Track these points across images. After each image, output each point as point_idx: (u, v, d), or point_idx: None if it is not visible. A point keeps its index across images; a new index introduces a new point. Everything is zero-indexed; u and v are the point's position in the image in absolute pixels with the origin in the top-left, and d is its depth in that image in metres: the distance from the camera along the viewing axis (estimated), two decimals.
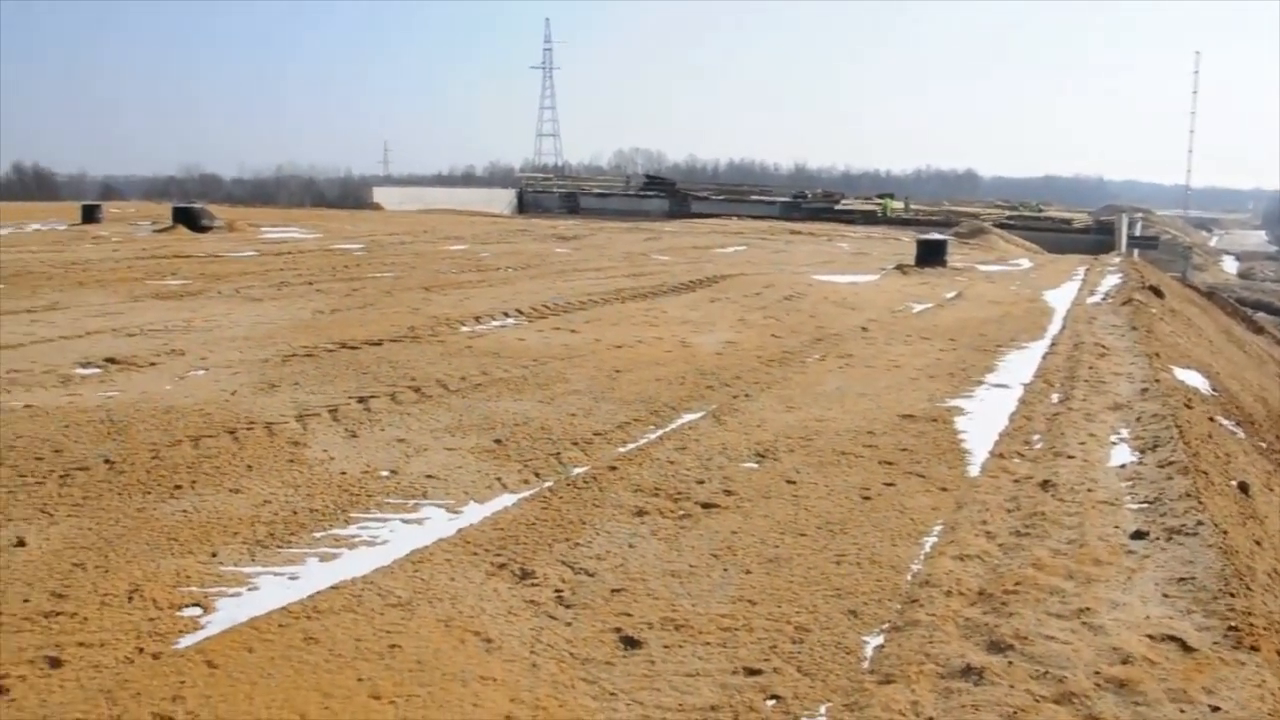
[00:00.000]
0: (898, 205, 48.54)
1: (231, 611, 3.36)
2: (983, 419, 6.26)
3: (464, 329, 9.44)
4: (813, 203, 50.10)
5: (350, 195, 64.86)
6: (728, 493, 4.72)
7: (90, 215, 28.43)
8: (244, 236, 23.07)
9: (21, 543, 3.86)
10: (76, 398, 6.29)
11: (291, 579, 3.65)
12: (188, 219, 24.40)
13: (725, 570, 3.81)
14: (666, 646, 3.19)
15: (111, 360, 7.51)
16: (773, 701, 2.85)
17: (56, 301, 11.07)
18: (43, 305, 10.71)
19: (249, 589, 3.55)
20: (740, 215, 43.89)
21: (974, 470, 5.17)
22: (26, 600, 3.37)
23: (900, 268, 17.92)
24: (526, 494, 4.66)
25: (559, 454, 5.30)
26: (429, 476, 4.87)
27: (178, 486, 4.61)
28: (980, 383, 7.47)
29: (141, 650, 3.04)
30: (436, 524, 4.26)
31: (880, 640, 3.22)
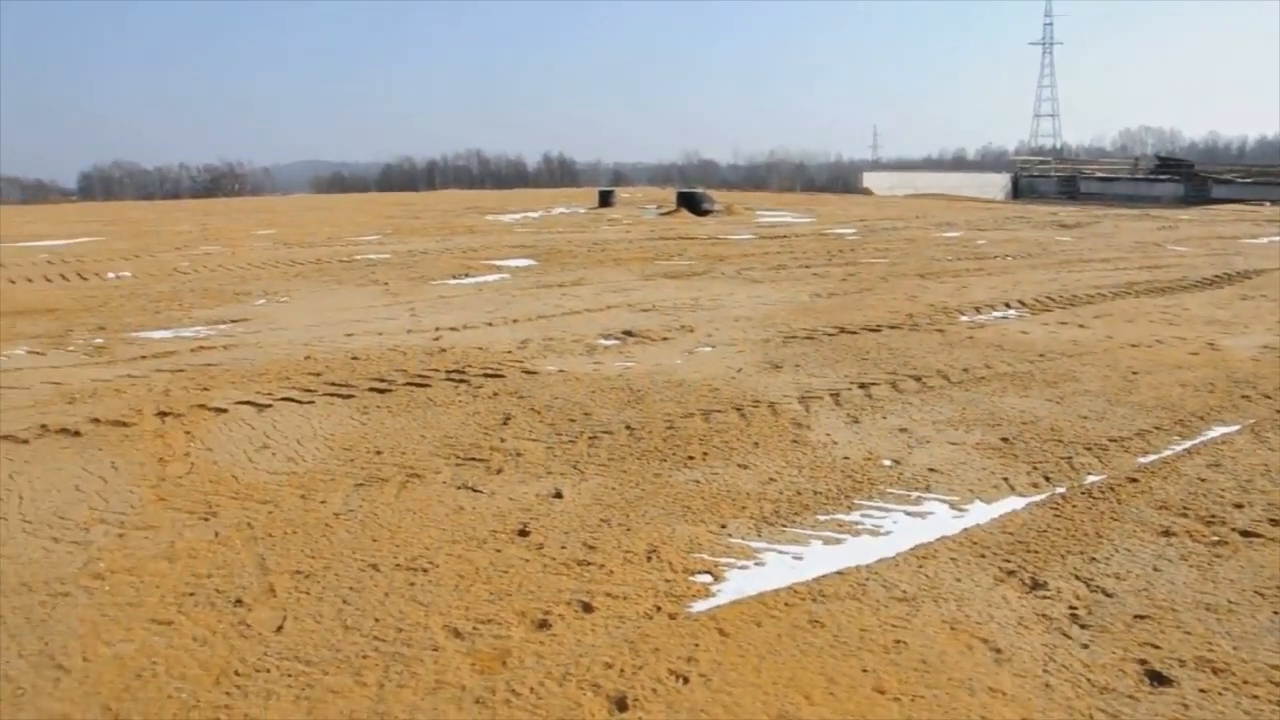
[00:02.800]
0: None
1: (740, 583, 3.76)
2: None
3: (963, 319, 9.65)
4: None
5: (839, 180, 67.65)
6: (1274, 522, 4.31)
7: (605, 200, 34.83)
8: (741, 220, 25.53)
9: (559, 494, 4.66)
10: (600, 366, 7.43)
11: (796, 559, 3.99)
12: (690, 203, 28.30)
13: (1277, 614, 3.47)
14: (1203, 691, 2.99)
15: (628, 333, 8.80)
16: None
17: (581, 278, 13.18)
18: (570, 281, 12.83)
19: (755, 564, 3.93)
20: (1274, 201, 37.56)
21: None
22: (563, 547, 4.07)
23: None
24: (1036, 498, 4.66)
25: (1071, 458, 5.21)
26: (931, 470, 5.05)
27: (690, 457, 5.24)
28: None
29: (659, 609, 3.52)
30: (940, 520, 4.41)
31: None
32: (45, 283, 13.84)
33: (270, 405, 6.28)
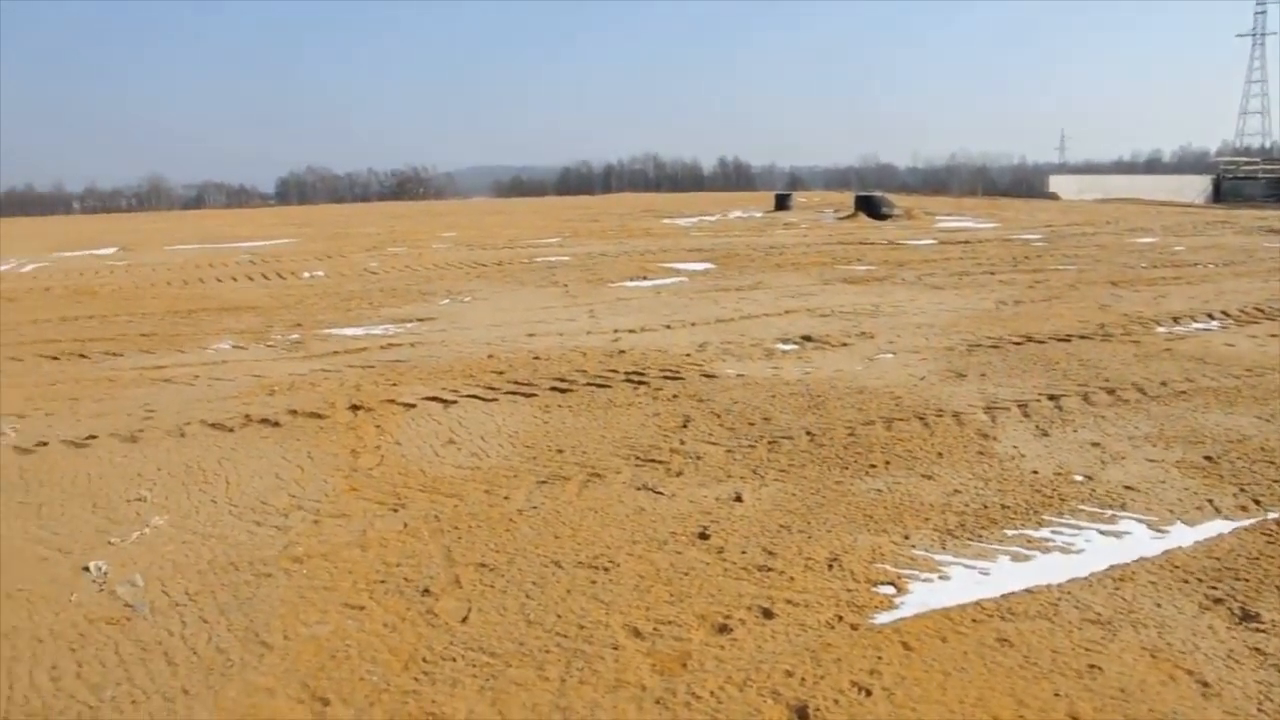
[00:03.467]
0: None
1: (924, 596, 3.66)
2: None
3: (1160, 329, 9.17)
4: None
5: (1022, 183, 65.26)
6: None
7: (782, 203, 34.96)
8: (920, 225, 24.92)
9: (739, 499, 4.65)
10: (778, 371, 7.38)
11: (983, 574, 3.86)
12: (868, 207, 28.02)
13: None
14: None
15: (807, 338, 8.72)
16: None
17: (759, 282, 13.15)
18: (747, 285, 12.82)
19: (940, 577, 3.83)
20: None
21: None
22: (744, 552, 4.06)
23: None
24: (1245, 523, 4.38)
25: None
26: (1128, 488, 4.81)
27: (872, 465, 5.15)
28: None
29: (841, 619, 3.47)
30: (1138, 540, 4.19)
31: None
32: (248, 281, 14.70)
33: (456, 402, 6.51)
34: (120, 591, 3.80)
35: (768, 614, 3.51)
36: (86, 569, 4.01)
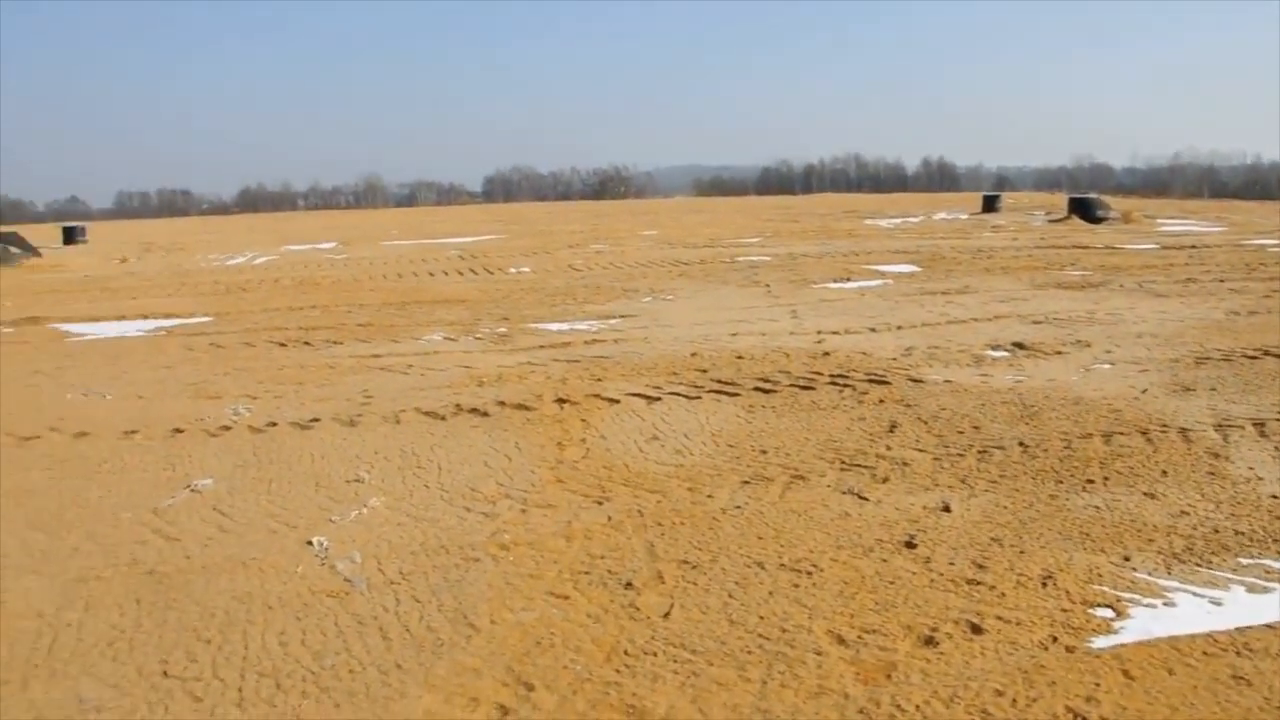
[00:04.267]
0: None
1: (1146, 622, 3.44)
2: None
3: None
4: None
5: (1256, 185, 60.26)
6: None
7: (989, 205, 33.82)
8: (1140, 228, 23.55)
9: (947, 508, 4.52)
10: (988, 378, 7.13)
11: (1214, 604, 3.60)
12: (1083, 209, 26.74)
13: None
14: None
15: (1019, 345, 8.37)
16: None
17: (966, 285, 12.75)
18: (955, 288, 12.44)
19: (1164, 603, 3.59)
20: None
21: None
22: (952, 563, 3.94)
23: None
24: None
25: None
26: None
27: (1089, 480, 4.90)
28: None
29: (1055, 639, 3.30)
30: None
31: None
32: (458, 276, 15.29)
33: (659, 399, 6.58)
34: (340, 567, 4.01)
35: (976, 629, 3.39)
36: (310, 543, 4.25)
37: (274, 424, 6.23)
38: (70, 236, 32.29)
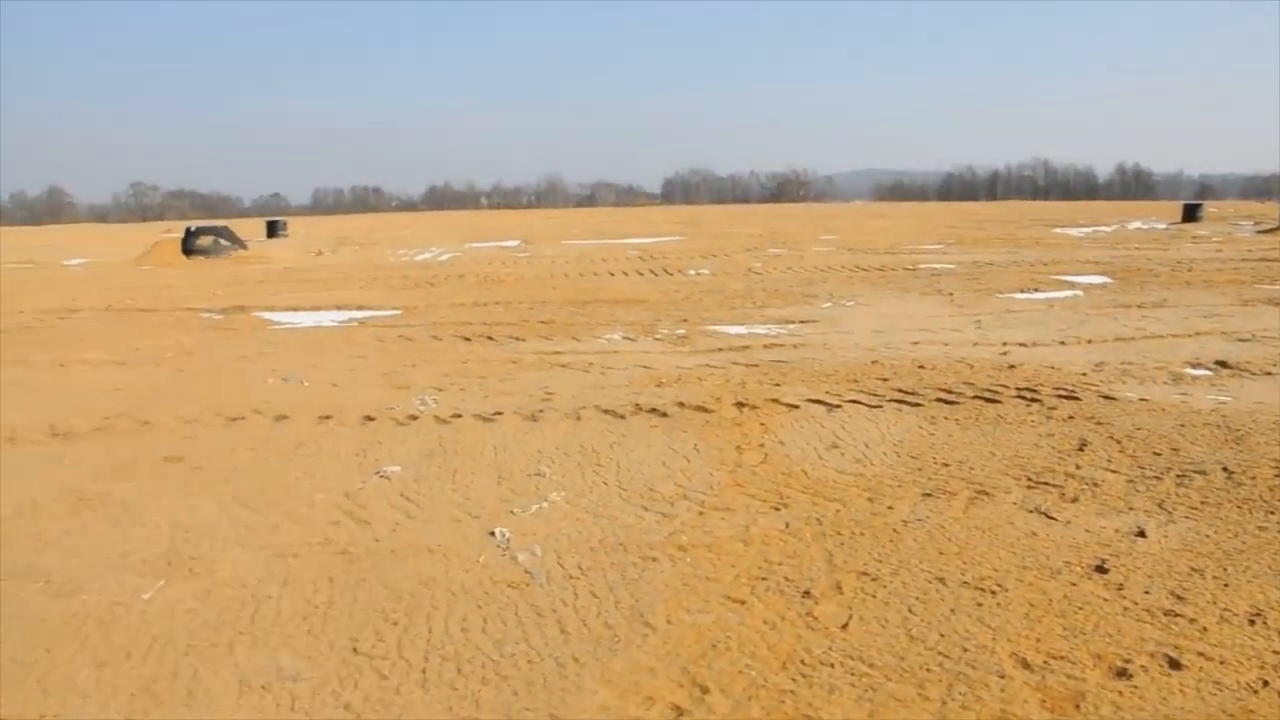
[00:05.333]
0: None
1: None
2: None
3: None
4: None
5: None
6: None
7: (1190, 214, 32.17)
8: None
9: (1142, 534, 4.29)
10: (1187, 397, 6.73)
11: None
12: None
13: None
14: None
15: (1222, 364, 7.87)
16: None
17: (1164, 299, 12.10)
18: (1150, 302, 11.82)
19: None
20: None
21: None
22: (1147, 592, 3.73)
23: None
24: None
25: None
26: None
27: None
28: None
29: (1266, 684, 3.05)
30: None
31: None
32: (637, 276, 15.47)
33: (839, 406, 6.48)
34: (520, 558, 4.11)
35: (1174, 664, 3.20)
36: (492, 534, 4.37)
37: (459, 415, 6.44)
38: (272, 230, 34.20)
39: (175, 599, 3.89)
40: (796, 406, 6.48)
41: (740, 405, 6.49)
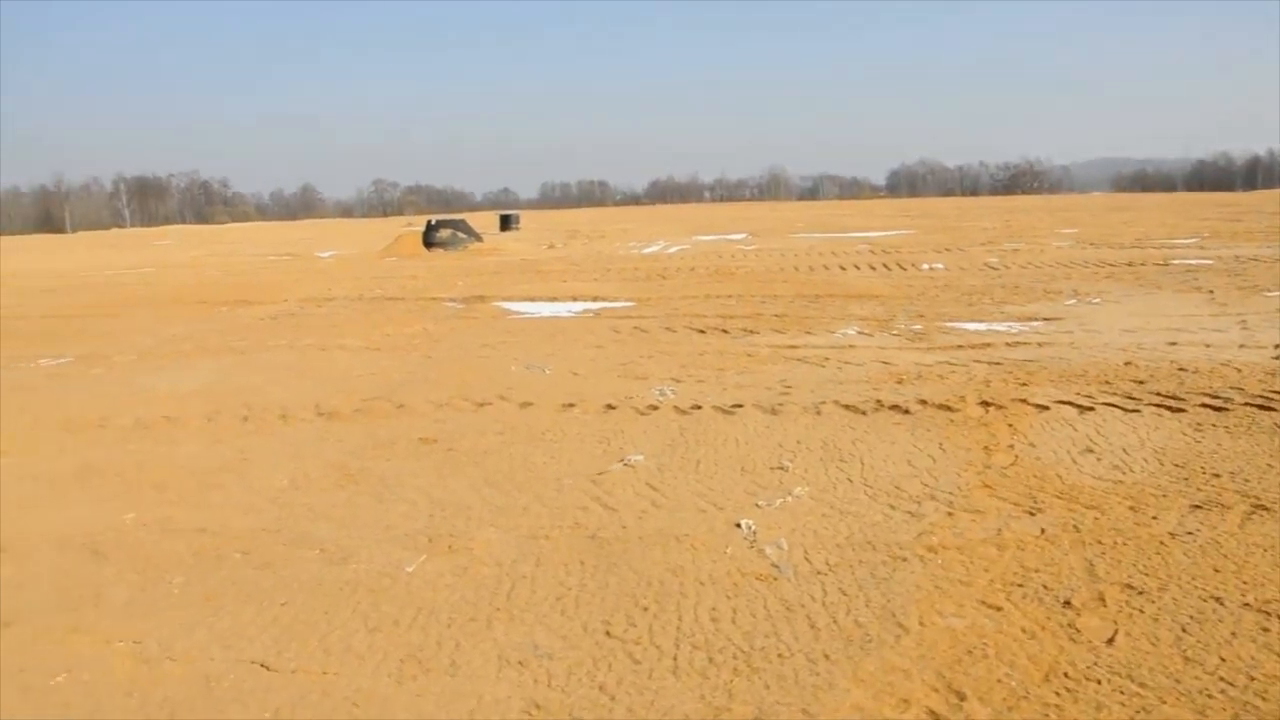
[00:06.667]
0: None
1: None
2: None
3: None
4: None
5: None
6: None
7: None
8: None
9: None
10: None
11: None
12: None
13: None
14: None
15: None
16: None
17: None
18: None
19: None
20: None
21: None
22: None
23: None
24: None
25: None
26: None
27: None
28: None
29: None
30: None
31: None
32: (869, 271, 15.20)
33: (1092, 409, 6.16)
34: (768, 552, 4.10)
35: None
36: (737, 525, 4.38)
37: (698, 407, 6.49)
38: (505, 224, 35.48)
39: (436, 573, 4.09)
40: (1046, 408, 6.19)
41: (985, 405, 6.26)
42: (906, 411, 6.16)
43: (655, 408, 6.54)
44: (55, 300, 17.26)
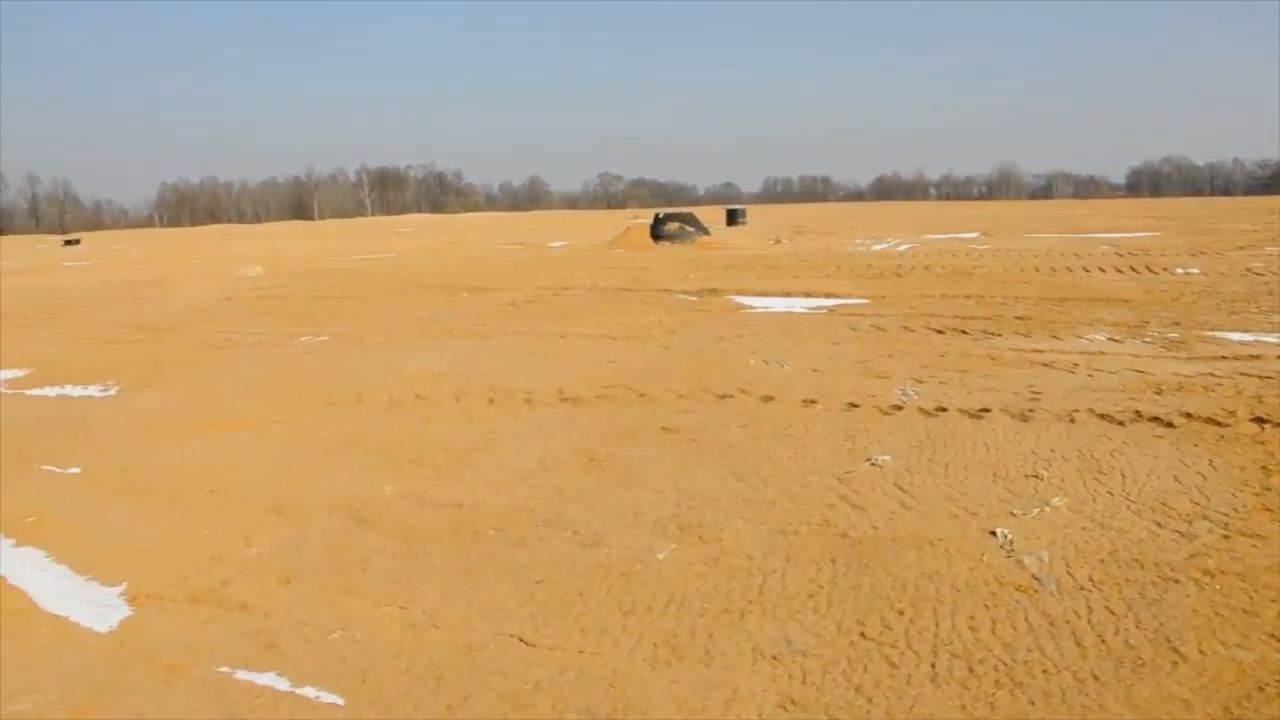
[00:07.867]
0: None
1: None
2: None
3: None
4: None
5: None
6: None
7: None
8: None
9: None
10: None
11: None
12: None
13: None
14: None
15: None
16: None
17: None
18: None
19: None
20: None
21: None
22: None
23: None
24: None
25: None
26: None
27: None
28: None
29: None
30: None
31: None
32: (1116, 273, 14.38)
33: None
34: (1027, 562, 3.95)
35: None
36: (993, 533, 4.24)
37: (943, 409, 6.31)
38: (732, 218, 35.49)
39: (687, 562, 4.14)
40: None
41: (1260, 421, 5.78)
42: (1169, 424, 5.76)
43: (899, 408, 6.39)
44: (311, 282, 18.49)
